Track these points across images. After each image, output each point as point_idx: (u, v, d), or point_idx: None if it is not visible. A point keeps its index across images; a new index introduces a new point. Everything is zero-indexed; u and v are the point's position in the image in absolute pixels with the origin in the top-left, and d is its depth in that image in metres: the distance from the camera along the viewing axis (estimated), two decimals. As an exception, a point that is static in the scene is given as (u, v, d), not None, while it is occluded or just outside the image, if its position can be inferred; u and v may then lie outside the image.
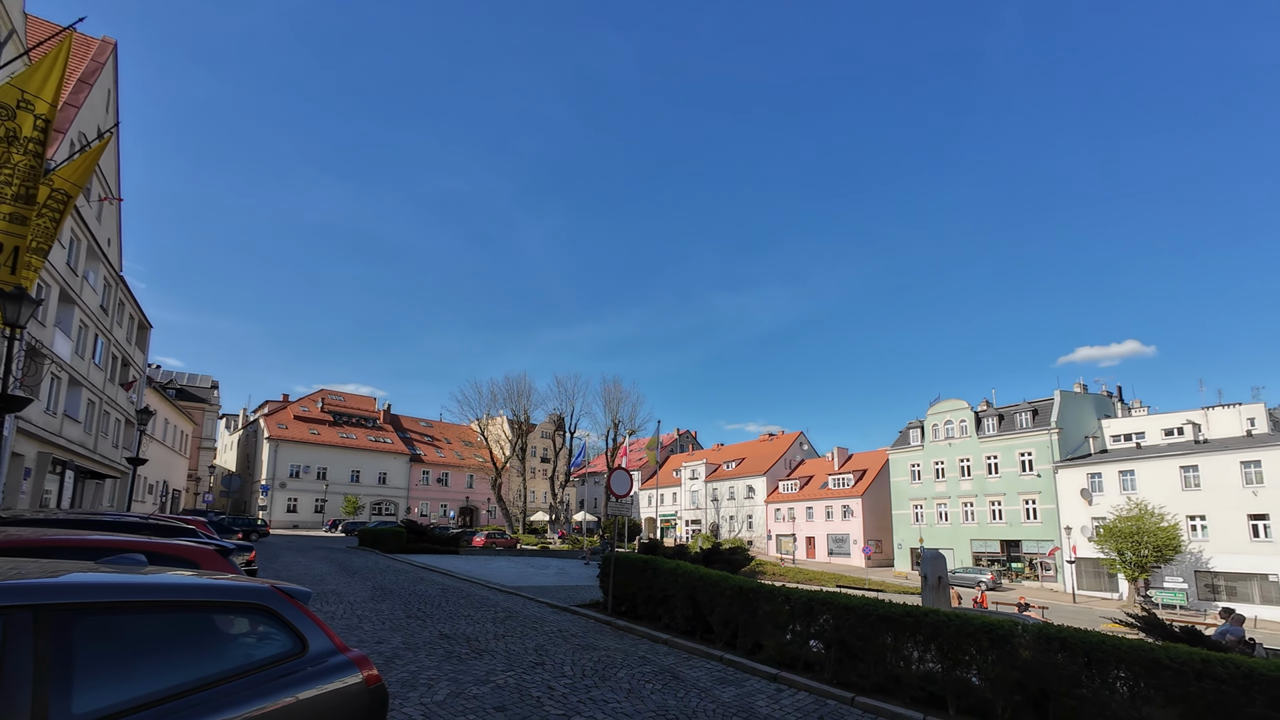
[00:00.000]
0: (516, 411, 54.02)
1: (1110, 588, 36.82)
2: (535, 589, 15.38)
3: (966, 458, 46.84)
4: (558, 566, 24.19)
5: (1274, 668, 5.47)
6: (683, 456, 79.63)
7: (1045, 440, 42.37)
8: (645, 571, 10.70)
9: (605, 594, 11.66)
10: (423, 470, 63.86)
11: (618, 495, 12.21)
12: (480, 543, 39.71)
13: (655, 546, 14.39)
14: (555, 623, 10.52)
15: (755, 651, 8.37)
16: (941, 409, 49.32)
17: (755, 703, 6.53)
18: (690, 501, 70.82)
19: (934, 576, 11.17)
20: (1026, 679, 6.16)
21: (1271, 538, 32.35)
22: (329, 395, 66.11)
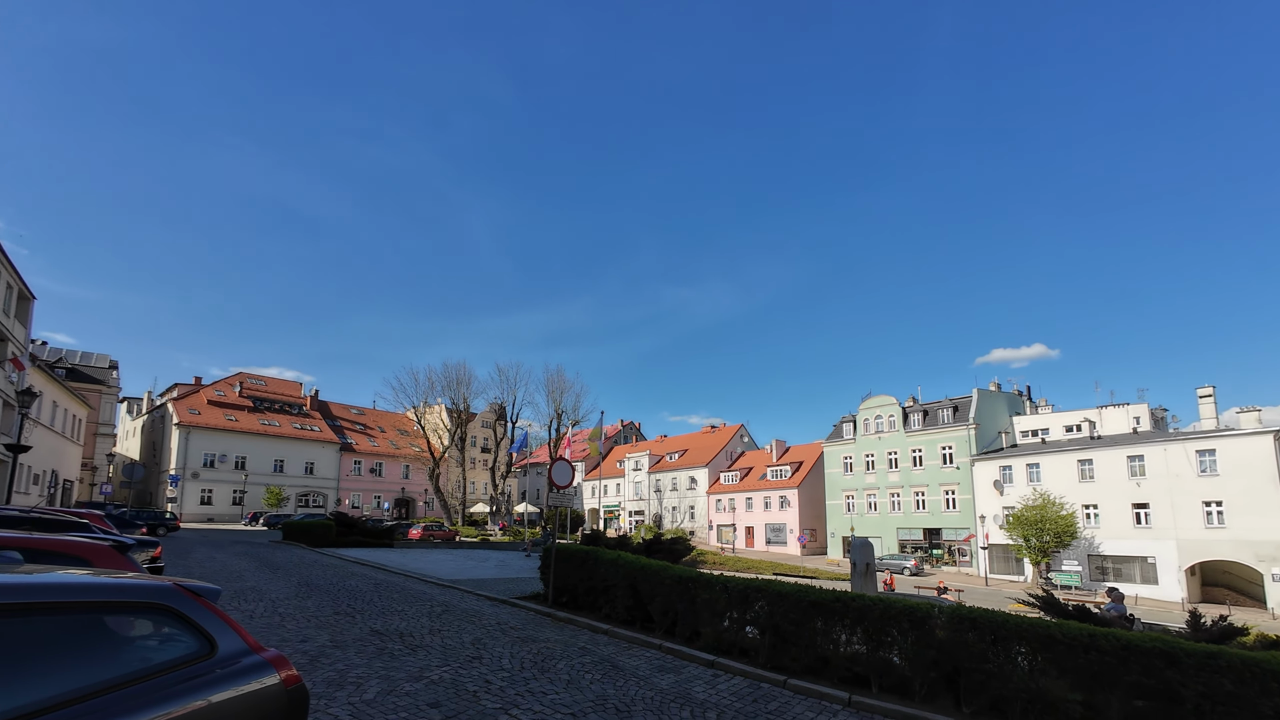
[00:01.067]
0: (455, 400, 52.40)
1: (1017, 571, 40.05)
2: (474, 582, 15.06)
3: (894, 451, 49.56)
4: (498, 559, 23.78)
5: (1146, 640, 6.12)
6: (626, 448, 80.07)
7: (964, 435, 45.43)
8: (586, 563, 10.68)
9: (546, 586, 11.55)
10: (354, 460, 61.00)
11: (559, 486, 12.10)
12: (417, 535, 38.49)
13: (597, 537, 14.40)
14: (494, 616, 10.33)
15: (694, 639, 8.53)
16: (872, 404, 51.89)
17: (692, 689, 6.66)
18: (634, 492, 71.37)
19: (862, 563, 11.75)
20: (941, 657, 6.59)
21: (1151, 525, 36.14)
22: (249, 379, 61.82)
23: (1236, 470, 33.64)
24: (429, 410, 57.94)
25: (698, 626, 8.52)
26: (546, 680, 6.51)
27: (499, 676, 6.52)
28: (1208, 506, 34.32)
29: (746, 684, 7.05)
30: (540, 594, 12.13)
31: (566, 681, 6.53)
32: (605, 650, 8.20)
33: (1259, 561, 32.68)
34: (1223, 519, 33.82)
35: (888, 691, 6.79)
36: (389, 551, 24.92)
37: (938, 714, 6.23)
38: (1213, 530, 34.09)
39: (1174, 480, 35.54)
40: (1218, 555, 34.09)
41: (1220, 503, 33.95)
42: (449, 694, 5.78)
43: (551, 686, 6.30)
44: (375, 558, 20.83)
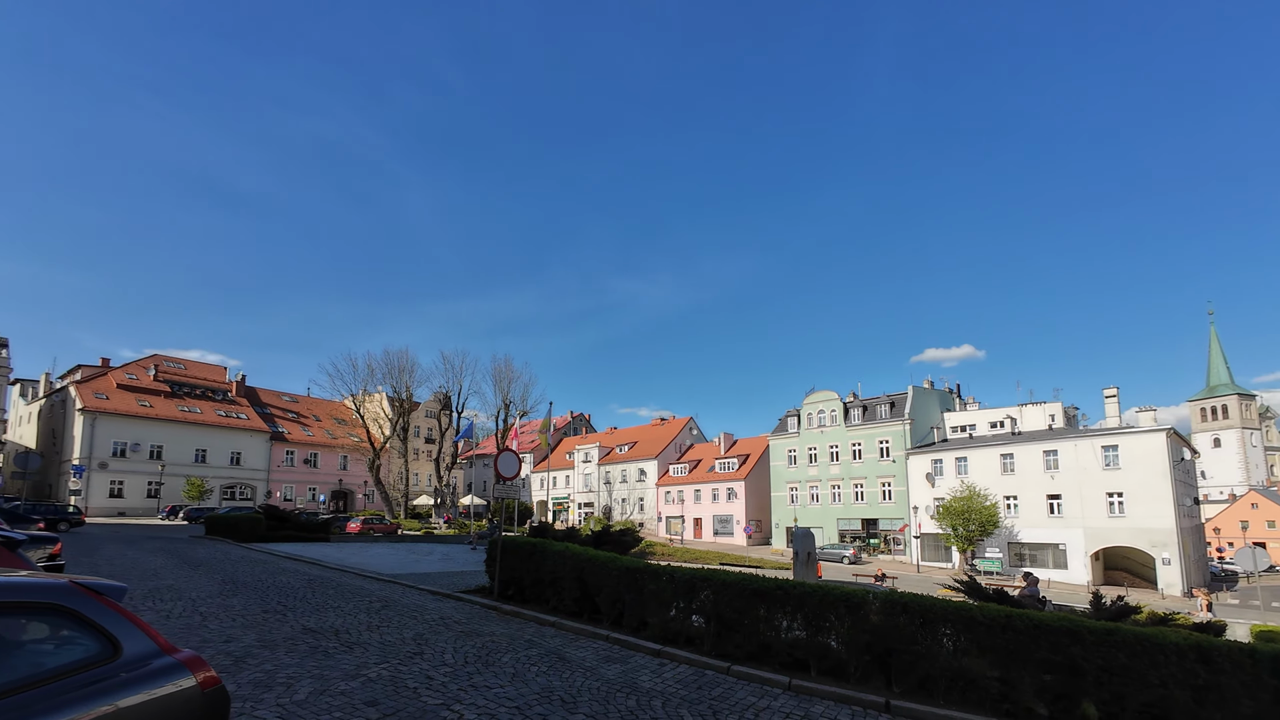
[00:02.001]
0: (398, 388, 50.47)
1: (946, 558, 42.56)
2: (416, 576, 14.63)
3: (835, 444, 51.55)
4: (442, 552, 23.20)
5: (1054, 620, 6.65)
6: (576, 440, 79.69)
7: (900, 430, 47.76)
8: (534, 555, 10.56)
9: (491, 579, 11.36)
10: (286, 450, 57.82)
11: (505, 477, 11.89)
12: (356, 529, 37.01)
13: (545, 529, 14.27)
14: (437, 610, 10.06)
15: (641, 629, 8.59)
16: (815, 399, 53.73)
17: (639, 678, 6.71)
18: (583, 484, 71.19)
19: (804, 552, 12.16)
20: (874, 640, 6.92)
21: (1062, 514, 39.19)
22: (165, 362, 57.27)
23: (1135, 464, 36.93)
24: (369, 399, 55.59)
25: (645, 617, 8.59)
26: (491, 674, 6.40)
27: (441, 672, 6.36)
28: (1110, 497, 37.53)
29: (692, 672, 7.17)
30: (486, 587, 11.92)
31: (512, 675, 6.44)
32: (552, 642, 8.14)
33: (1152, 547, 36.09)
34: (1123, 509, 37.08)
35: (825, 674, 7.07)
36: (325, 546, 23.86)
37: (870, 694, 6.53)
38: (1114, 519, 37.32)
39: (1083, 473, 38.64)
40: (1118, 542, 37.38)
41: (1121, 494, 37.20)
42: (388, 691, 5.59)
43: (496, 680, 6.20)
44: (309, 553, 19.89)
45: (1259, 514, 72.93)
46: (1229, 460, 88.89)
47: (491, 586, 11.35)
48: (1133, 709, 6.32)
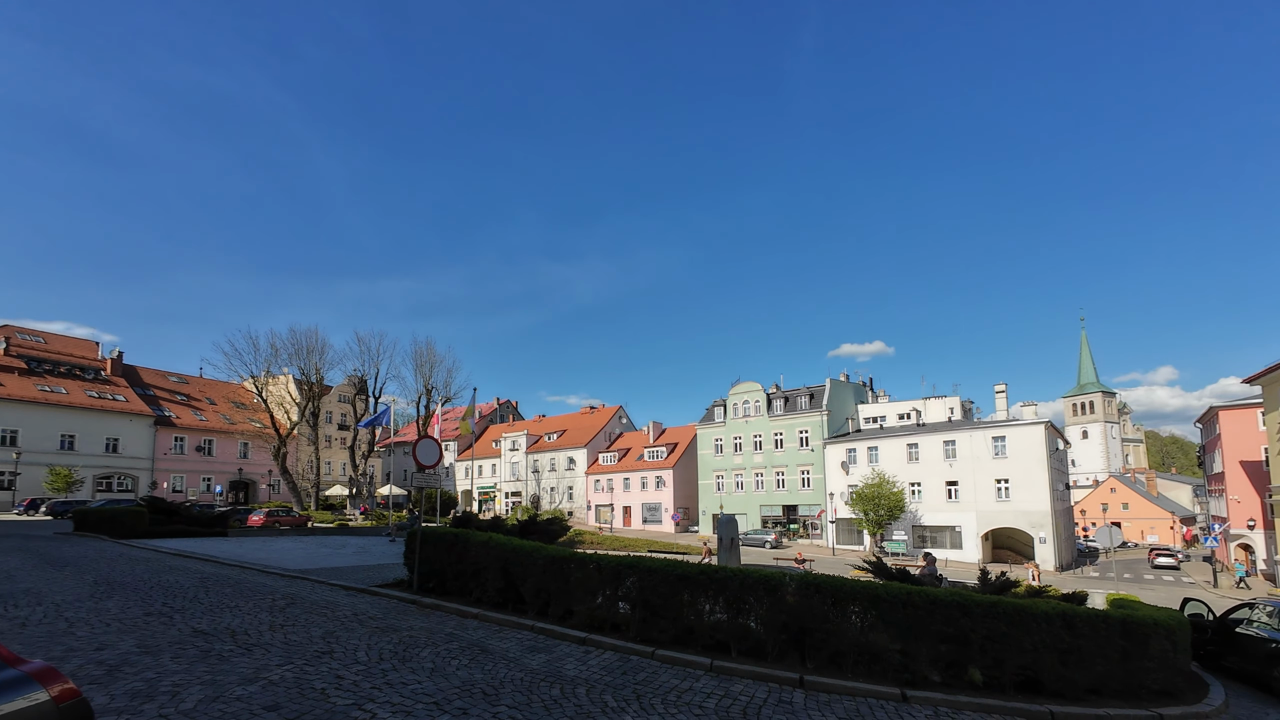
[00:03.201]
0: (306, 370, 46.81)
1: (858, 542, 45.48)
2: (328, 571, 13.79)
3: (759, 434, 53.60)
4: (357, 545, 22.03)
5: (947, 595, 7.27)
6: (503, 427, 78.00)
7: (818, 420, 50.36)
8: (456, 545, 10.24)
9: (411, 571, 10.91)
10: (175, 436, 52.34)
11: (425, 466, 11.42)
12: (259, 522, 34.41)
13: (468, 520, 13.86)
14: (350, 606, 9.54)
15: (567, 618, 8.56)
16: (741, 390, 55.55)
17: (563, 666, 6.68)
18: (510, 473, 69.90)
19: (727, 538, 12.56)
20: (790, 620, 7.28)
21: (959, 499, 42.93)
22: (19, 334, 50.09)
23: (1019, 454, 41.04)
24: (273, 381, 51.35)
25: (571, 605, 8.56)
26: (408, 670, 6.15)
27: (353, 671, 6.02)
28: (999, 484, 41.53)
29: (617, 658, 7.22)
30: (404, 580, 11.43)
31: (431, 669, 6.21)
32: (474, 635, 7.94)
33: (1031, 527, 40.36)
34: (1008, 494, 41.15)
35: (745, 655, 7.35)
36: (222, 541, 21.98)
37: (786, 671, 6.86)
38: (1001, 503, 41.36)
39: (976, 462, 42.47)
40: (1004, 523, 41.48)
41: (1007, 480, 41.25)
42: (292, 694, 5.22)
43: (414, 676, 5.96)
44: (203, 549, 18.25)
45: (1116, 497, 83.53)
46: (1094, 450, 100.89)
47: (411, 579, 10.90)
48: (1010, 671, 7.04)
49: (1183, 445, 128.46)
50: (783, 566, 15.16)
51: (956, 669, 7.00)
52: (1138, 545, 73.10)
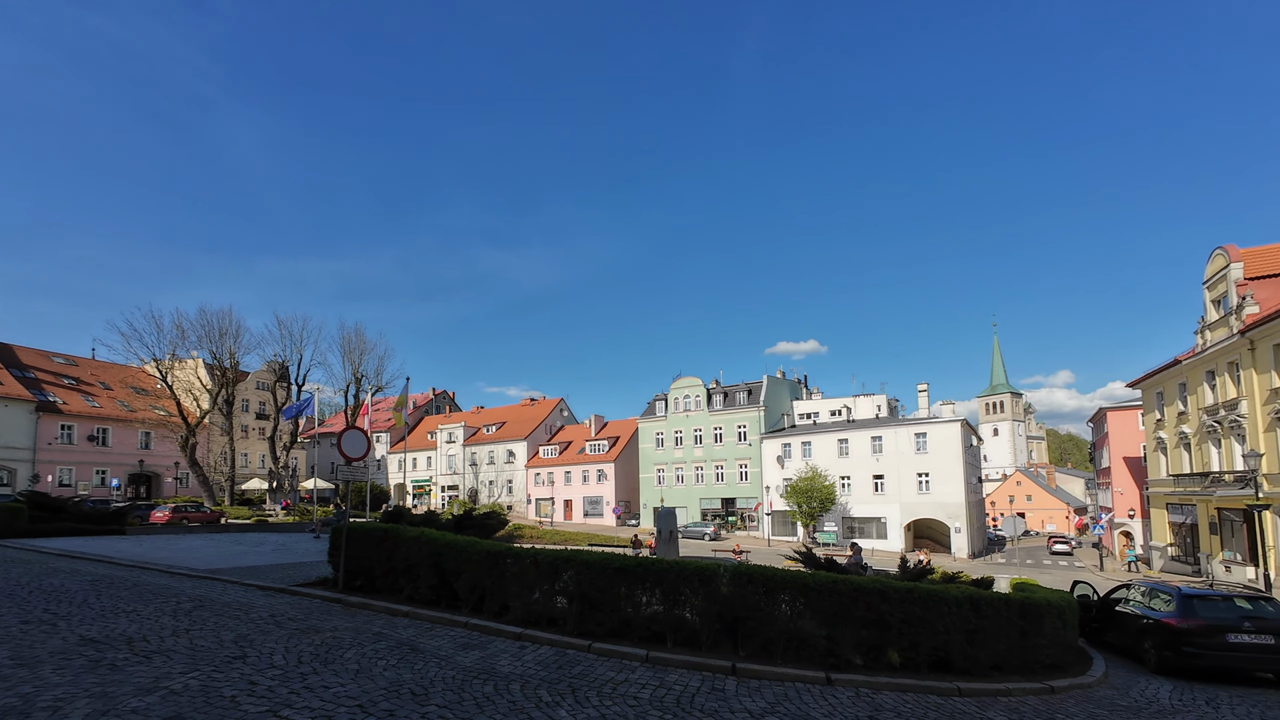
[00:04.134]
0: (218, 354, 43.12)
1: (792, 533, 47.23)
2: (242, 570, 12.91)
3: (700, 428, 54.61)
4: (278, 542, 20.75)
5: (870, 582, 7.68)
6: (439, 419, 75.62)
7: (756, 416, 51.88)
8: (385, 541, 9.83)
9: (336, 569, 10.39)
10: (62, 424, 46.99)
11: (351, 458, 10.88)
12: (163, 519, 31.78)
13: (400, 514, 13.35)
14: (267, 607, 8.97)
15: (502, 614, 8.41)
16: (682, 385, 56.38)
17: (498, 663, 6.56)
18: (447, 466, 67.91)
19: (666, 530, 12.72)
20: (724, 610, 7.47)
21: (884, 492, 45.42)
22: None
23: (938, 449, 43.88)
24: (180, 365, 47.04)
25: (507, 600, 8.42)
26: (330, 673, 5.85)
27: (269, 676, 5.67)
28: (920, 477, 44.25)
29: (553, 652, 7.17)
30: (329, 579, 10.87)
31: (356, 671, 5.94)
32: (404, 633, 7.66)
33: (948, 518, 43.29)
34: (929, 486, 43.93)
35: (681, 645, 7.47)
36: (119, 540, 20.11)
37: (719, 659, 7.04)
38: (922, 495, 44.10)
39: (900, 457, 45.05)
40: (924, 514, 44.27)
41: (928, 474, 44.01)
42: (197, 703, 4.85)
43: (336, 679, 5.67)
44: (96, 548, 16.63)
45: (1022, 489, 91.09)
46: (1003, 446, 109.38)
47: (336, 577, 10.38)
48: (925, 652, 7.53)
49: (1078, 442, 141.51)
50: (720, 558, 15.53)
51: (877, 652, 7.42)
52: (1038, 534, 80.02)
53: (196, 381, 47.72)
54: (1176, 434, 31.57)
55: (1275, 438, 23.61)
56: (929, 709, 6.23)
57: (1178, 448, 31.57)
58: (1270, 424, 23.78)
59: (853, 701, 6.23)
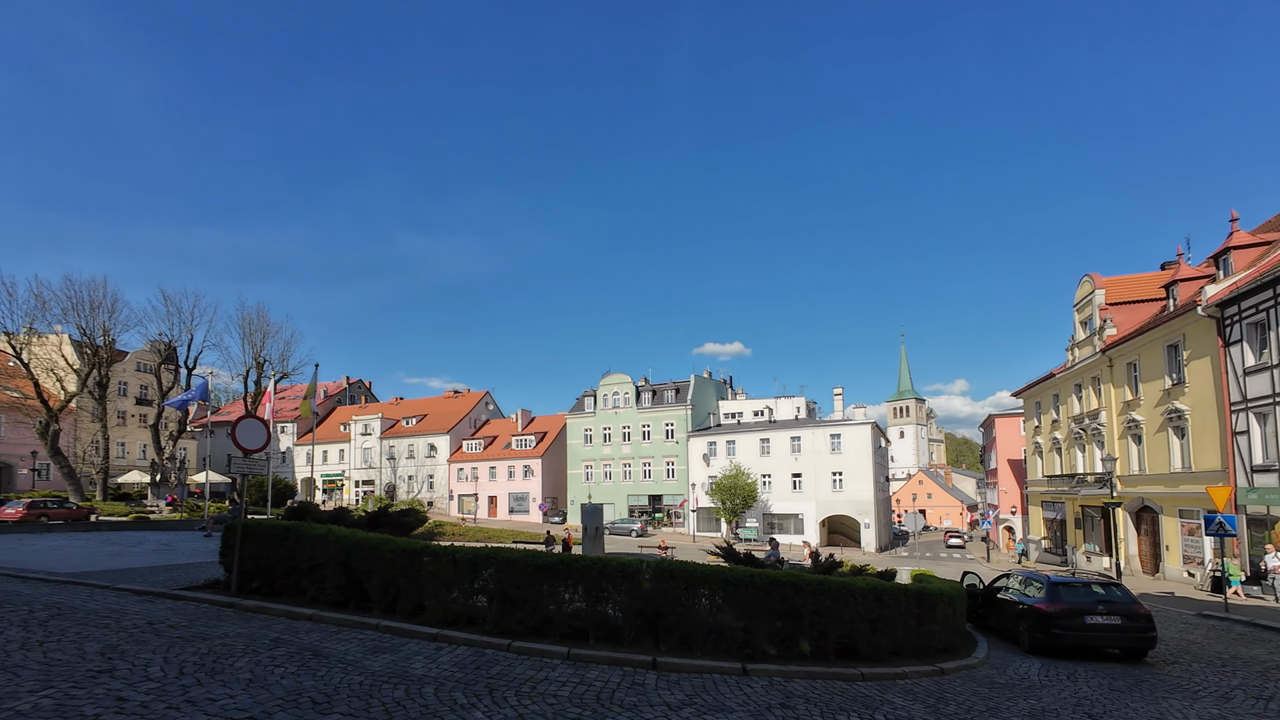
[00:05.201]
0: (88, 329, 37.97)
1: (717, 529, 48.54)
2: (115, 573, 11.57)
3: (628, 425, 54.95)
4: (160, 541, 18.80)
5: (783, 575, 8.02)
6: (354, 409, 71.40)
7: (683, 414, 52.90)
8: (287, 540, 9.13)
9: (229, 570, 9.52)
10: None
11: (247, 450, 10.02)
12: (16, 515, 27.87)
13: (305, 510, 12.45)
14: (144, 614, 8.07)
15: (417, 614, 8.05)
16: (611, 381, 56.52)
17: (411, 666, 6.26)
18: (362, 460, 64.25)
19: (592, 527, 12.68)
20: (646, 605, 7.53)
21: (802, 490, 47.68)
22: None
23: (851, 450, 46.65)
24: (40, 341, 41.38)
25: (423, 600, 8.06)
26: (218, 684, 5.34)
27: (142, 690, 5.09)
28: (834, 476, 46.85)
29: (471, 653, 6.94)
30: (220, 581, 9.96)
31: (248, 681, 5.46)
32: (307, 638, 7.14)
33: (859, 515, 46.13)
34: (842, 485, 46.59)
35: (603, 641, 7.46)
36: (-40, 540, 17.47)
37: (640, 654, 7.09)
38: (836, 493, 46.71)
39: (817, 456, 47.48)
40: (838, 511, 46.92)
41: (841, 473, 46.67)
42: (51, 725, 4.26)
43: (225, 690, 5.18)
44: (-70, 550, 14.35)
45: (923, 488, 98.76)
46: (908, 448, 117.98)
47: (229, 579, 9.51)
48: (833, 641, 7.95)
49: (971, 445, 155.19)
50: (645, 554, 15.68)
51: (789, 642, 7.75)
52: (937, 529, 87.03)
53: (61, 360, 41.96)
54: (1050, 439, 35.34)
55: (1127, 444, 26.98)
56: (835, 694, 6.59)
57: (1051, 451, 35.36)
58: (1124, 432, 27.15)
59: (766, 690, 6.47)
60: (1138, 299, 28.50)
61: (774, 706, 5.90)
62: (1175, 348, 23.63)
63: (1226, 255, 22.56)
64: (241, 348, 45.27)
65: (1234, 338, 20.43)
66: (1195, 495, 21.54)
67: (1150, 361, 25.15)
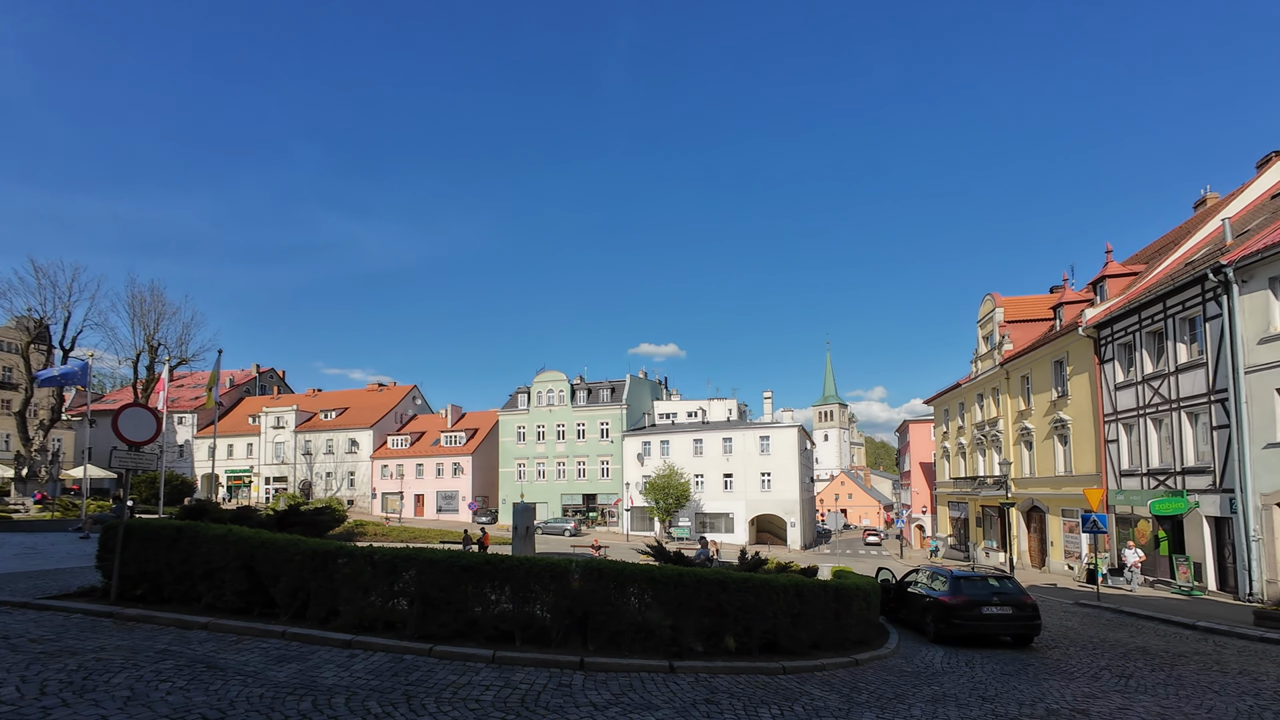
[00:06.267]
0: (-70, 300, 33.45)
1: (651, 528, 48.88)
2: (-36, 581, 10.12)
3: (562, 423, 54.39)
4: (24, 544, 16.66)
5: (710, 573, 8.17)
6: (265, 400, 66.49)
7: (618, 413, 53.00)
8: (180, 541, 8.32)
9: (107, 576, 8.55)
10: None
11: (133, 442, 9.07)
12: None
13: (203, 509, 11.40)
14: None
15: (330, 620, 7.55)
16: (545, 379, 55.77)
17: (320, 675, 5.85)
18: (274, 455, 59.89)
19: (523, 526, 12.41)
20: (575, 605, 7.44)
21: (733, 490, 48.95)
22: None
23: (779, 451, 48.41)
24: None
25: (336, 605, 7.57)
26: (88, 704, 4.75)
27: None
28: (763, 476, 48.43)
29: (389, 659, 6.58)
30: (97, 588, 8.92)
31: (126, 699, 4.90)
32: (200, 649, 6.52)
33: (785, 514, 47.93)
34: (770, 485, 48.23)
35: (530, 643, 7.29)
36: None
37: (568, 655, 6.98)
38: (765, 493, 48.29)
39: (747, 457, 48.91)
40: (766, 510, 48.53)
41: (770, 474, 48.32)
42: None
43: (97, 710, 4.63)
44: None
45: (845, 489, 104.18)
46: (831, 450, 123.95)
47: (107, 586, 8.54)
48: (757, 636, 8.17)
49: (888, 449, 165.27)
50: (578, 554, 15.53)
51: (716, 638, 7.89)
52: (857, 527, 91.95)
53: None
54: (956, 444, 38.22)
55: (1021, 450, 29.60)
56: (758, 688, 6.77)
57: (957, 455, 38.24)
58: (1018, 439, 29.77)
59: (692, 686, 6.54)
60: (1031, 318, 31.30)
61: (699, 703, 5.97)
62: (1061, 363, 26.14)
63: (1102, 282, 25.19)
64: (131, 329, 40.97)
65: (1108, 356, 22.87)
66: (1075, 496, 23.91)
67: (1040, 375, 27.70)
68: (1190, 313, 18.87)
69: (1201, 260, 19.69)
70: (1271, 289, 16.15)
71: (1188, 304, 18.92)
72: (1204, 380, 18.12)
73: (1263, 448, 16.18)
